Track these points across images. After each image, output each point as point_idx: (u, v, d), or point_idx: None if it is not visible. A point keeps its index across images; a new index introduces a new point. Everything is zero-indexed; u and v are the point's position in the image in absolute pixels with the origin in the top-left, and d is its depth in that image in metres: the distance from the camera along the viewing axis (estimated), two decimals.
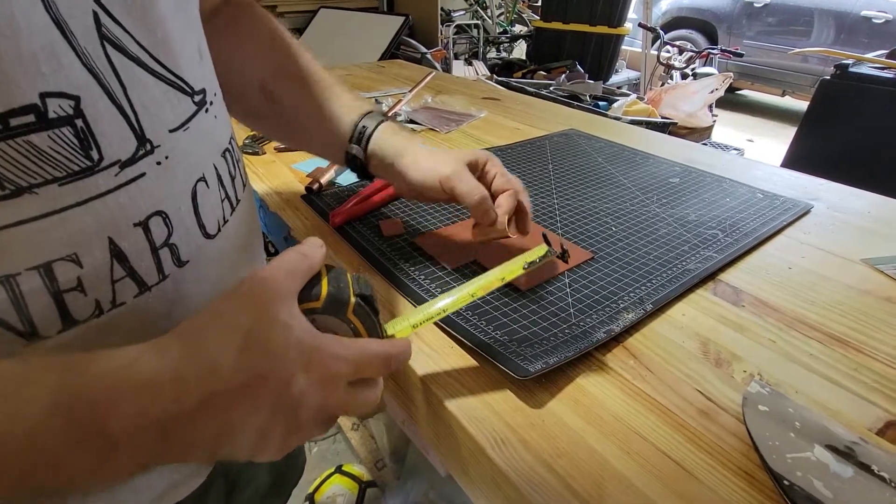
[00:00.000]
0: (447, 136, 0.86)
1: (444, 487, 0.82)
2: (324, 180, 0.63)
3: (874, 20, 3.80)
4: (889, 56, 1.97)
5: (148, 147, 0.26)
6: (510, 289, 0.45)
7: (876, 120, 1.74)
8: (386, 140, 0.46)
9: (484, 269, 0.48)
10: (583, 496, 0.28)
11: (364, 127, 0.46)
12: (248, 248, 0.38)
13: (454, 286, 0.45)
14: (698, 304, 0.45)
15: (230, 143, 0.35)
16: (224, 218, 0.33)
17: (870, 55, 2.04)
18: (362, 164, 0.48)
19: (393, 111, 0.87)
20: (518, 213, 0.45)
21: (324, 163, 0.69)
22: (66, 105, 0.22)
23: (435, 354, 0.38)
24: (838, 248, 0.55)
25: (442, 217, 0.57)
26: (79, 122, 0.23)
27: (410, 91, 1.00)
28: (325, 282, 0.28)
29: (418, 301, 0.43)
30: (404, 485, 0.91)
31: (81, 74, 0.23)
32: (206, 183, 0.31)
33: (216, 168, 0.32)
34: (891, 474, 0.29)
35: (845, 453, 0.31)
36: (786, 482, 0.29)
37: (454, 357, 0.38)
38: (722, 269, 0.49)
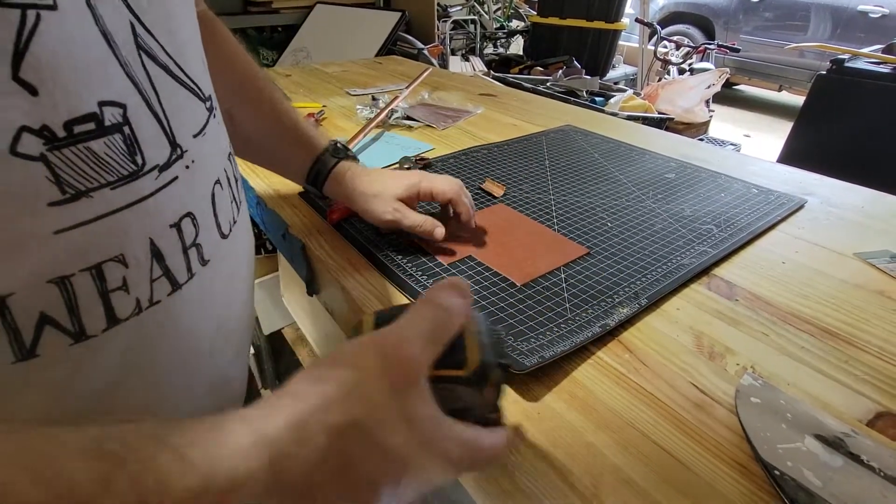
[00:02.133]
0: (444, 133, 0.86)
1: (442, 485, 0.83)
2: None
3: (871, 15, 3.80)
4: (885, 51, 1.98)
5: (178, 152, 0.27)
6: (506, 284, 0.45)
7: (872, 115, 1.75)
8: (335, 188, 0.52)
9: (480, 265, 0.48)
10: (578, 488, 0.29)
11: (318, 171, 0.52)
12: (249, 248, 0.39)
13: None
14: (693, 299, 0.45)
15: (231, 147, 0.37)
16: (234, 218, 0.34)
17: (866, 50, 2.05)
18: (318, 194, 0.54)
19: (390, 108, 0.87)
20: (457, 214, 0.52)
21: None
22: (116, 113, 0.23)
23: None
24: (832, 242, 0.55)
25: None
26: (126, 129, 0.24)
27: (407, 87, 1.00)
28: (470, 344, 0.24)
29: (414, 295, 0.43)
30: None
31: (125, 84, 0.24)
32: (220, 185, 0.32)
33: (225, 171, 0.34)
34: (880, 464, 0.30)
35: (835, 444, 0.31)
36: (776, 472, 0.29)
37: None
38: (716, 263, 0.50)
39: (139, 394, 0.29)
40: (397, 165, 0.69)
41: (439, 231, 0.49)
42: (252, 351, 1.34)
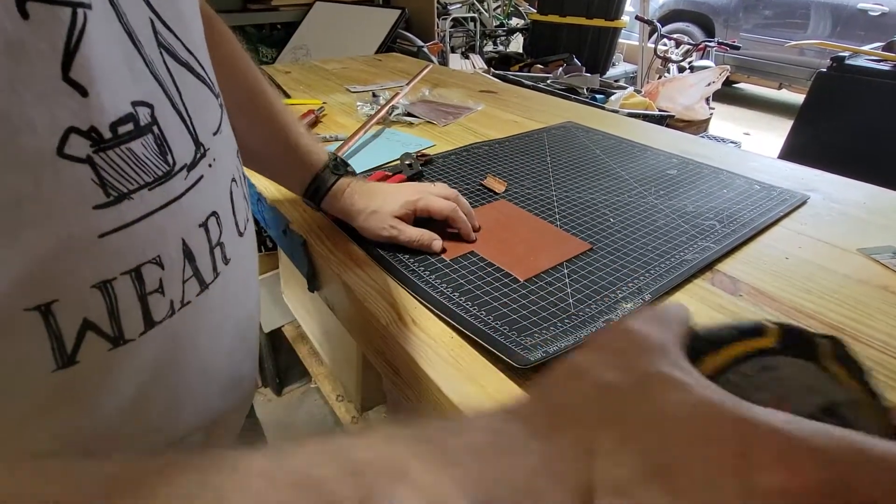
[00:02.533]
0: (445, 129, 0.86)
1: None
2: None
3: (870, 13, 3.80)
4: (885, 48, 1.98)
5: (202, 151, 0.27)
6: (509, 279, 0.45)
7: (872, 112, 1.75)
8: (334, 205, 0.52)
9: (482, 261, 0.48)
10: None
11: (317, 188, 0.51)
12: (256, 245, 0.39)
13: (453, 277, 0.45)
14: (696, 294, 0.45)
15: (236, 144, 0.37)
16: (247, 216, 0.34)
17: (866, 47, 2.04)
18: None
19: (390, 104, 0.87)
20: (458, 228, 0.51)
21: None
22: (146, 113, 0.23)
23: (434, 343, 0.39)
24: (835, 238, 0.55)
25: None
26: (155, 129, 0.24)
27: (408, 84, 0.99)
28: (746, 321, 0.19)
29: (416, 291, 0.43)
30: None
31: (151, 83, 0.24)
32: (236, 182, 0.32)
33: (237, 168, 0.34)
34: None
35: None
36: None
37: (454, 346, 0.38)
38: (720, 259, 0.50)
39: (162, 400, 0.28)
40: (398, 161, 0.69)
41: (437, 244, 0.49)
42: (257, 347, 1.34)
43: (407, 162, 0.68)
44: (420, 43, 2.29)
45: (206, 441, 0.34)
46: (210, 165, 0.28)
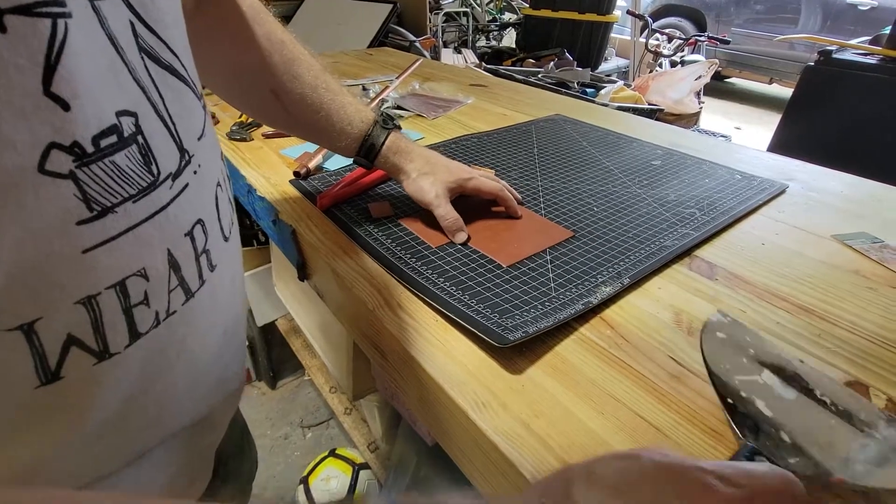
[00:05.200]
0: (434, 122, 0.87)
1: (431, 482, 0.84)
2: (311, 165, 0.64)
3: (860, 7, 3.83)
4: (872, 42, 2.00)
5: (187, 158, 0.27)
6: (493, 266, 0.46)
7: (859, 105, 1.77)
8: (389, 160, 0.52)
9: (467, 248, 0.49)
10: (558, 452, 0.30)
11: (372, 145, 0.51)
12: (240, 246, 0.39)
13: (438, 264, 0.46)
14: (674, 279, 0.46)
15: (220, 145, 0.37)
16: (232, 220, 0.34)
17: (854, 41, 2.06)
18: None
19: (380, 98, 0.88)
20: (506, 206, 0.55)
21: (311, 147, 0.69)
22: (130, 122, 0.22)
23: (419, 326, 0.40)
24: (811, 225, 0.57)
25: None
26: (140, 139, 0.23)
27: (398, 78, 1.00)
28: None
29: (403, 277, 0.44)
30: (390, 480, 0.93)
31: (134, 90, 0.23)
32: (221, 187, 0.32)
33: (222, 171, 0.33)
34: (832, 398, 0.31)
35: (792, 378, 0.33)
36: (729, 401, 0.31)
37: (438, 329, 0.40)
38: (698, 245, 0.51)
39: (150, 407, 0.28)
40: None
41: (461, 235, 0.50)
42: (245, 344, 1.34)
43: None
44: (412, 38, 2.29)
45: (190, 439, 0.34)
46: (195, 172, 0.28)
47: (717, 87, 4.64)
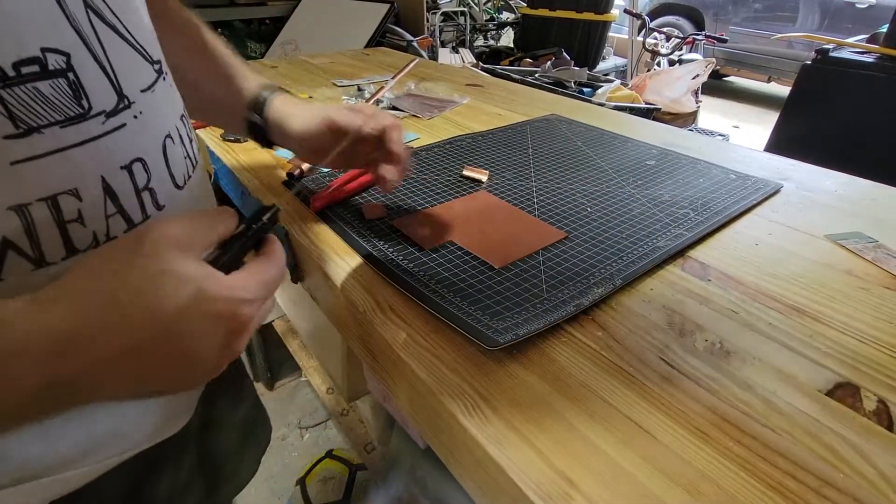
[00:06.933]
0: (429, 123, 0.86)
1: (427, 481, 0.84)
2: (305, 166, 0.64)
3: (858, 5, 3.83)
4: (869, 40, 2.00)
5: (126, 102, 0.31)
6: (485, 267, 0.46)
7: (856, 103, 1.77)
8: (280, 108, 0.50)
9: (460, 250, 0.49)
10: (547, 455, 0.30)
11: (263, 98, 0.50)
12: (206, 204, 0.42)
13: (430, 265, 0.46)
14: (666, 280, 0.46)
15: (184, 110, 0.40)
16: (188, 174, 0.37)
17: (851, 40, 2.06)
18: (262, 132, 0.51)
19: (375, 98, 0.88)
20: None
21: None
22: (60, 60, 0.26)
23: (409, 329, 0.40)
24: (804, 225, 0.56)
25: (421, 201, 0.58)
26: (70, 75, 0.27)
27: (393, 78, 1.00)
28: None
29: (394, 279, 0.44)
30: (386, 479, 0.93)
31: (71, 35, 0.27)
32: (172, 139, 0.35)
33: (178, 129, 0.36)
34: None
35: None
36: None
37: (428, 331, 0.39)
38: (691, 246, 0.51)
39: None
40: None
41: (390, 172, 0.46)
42: None
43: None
44: (409, 37, 2.29)
45: None
46: (136, 117, 0.31)
47: (716, 86, 4.64)
